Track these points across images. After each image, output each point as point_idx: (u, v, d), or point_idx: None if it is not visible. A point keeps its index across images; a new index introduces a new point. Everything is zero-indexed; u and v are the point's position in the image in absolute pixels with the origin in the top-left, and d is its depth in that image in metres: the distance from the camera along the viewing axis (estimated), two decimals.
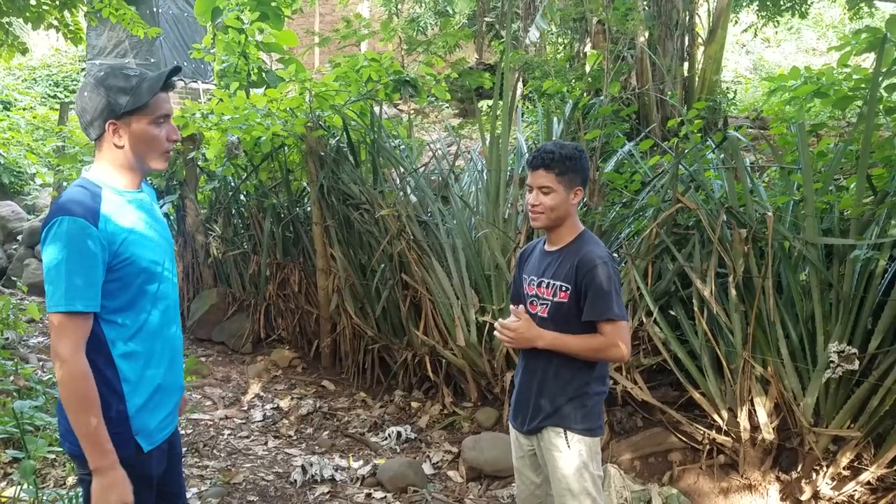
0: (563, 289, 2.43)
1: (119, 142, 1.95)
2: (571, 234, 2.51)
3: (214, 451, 4.36)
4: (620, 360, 3.02)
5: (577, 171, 2.45)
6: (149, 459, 2.01)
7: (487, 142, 4.73)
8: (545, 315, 2.49)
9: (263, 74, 7.23)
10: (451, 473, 4.11)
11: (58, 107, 11.48)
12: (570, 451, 2.44)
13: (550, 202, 2.44)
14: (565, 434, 2.44)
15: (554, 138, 4.92)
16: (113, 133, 1.94)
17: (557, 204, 2.44)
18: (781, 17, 11.59)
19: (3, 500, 3.23)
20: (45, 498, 2.85)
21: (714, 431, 3.77)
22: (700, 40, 9.10)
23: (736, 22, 11.93)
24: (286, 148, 5.87)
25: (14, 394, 3.39)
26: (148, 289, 1.99)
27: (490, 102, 6.14)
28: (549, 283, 2.48)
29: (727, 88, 9.21)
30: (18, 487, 2.87)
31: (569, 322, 2.42)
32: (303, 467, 4.04)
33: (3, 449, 3.52)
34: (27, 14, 6.34)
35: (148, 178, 2.16)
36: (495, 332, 2.55)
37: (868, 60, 6.81)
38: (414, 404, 4.91)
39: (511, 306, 2.62)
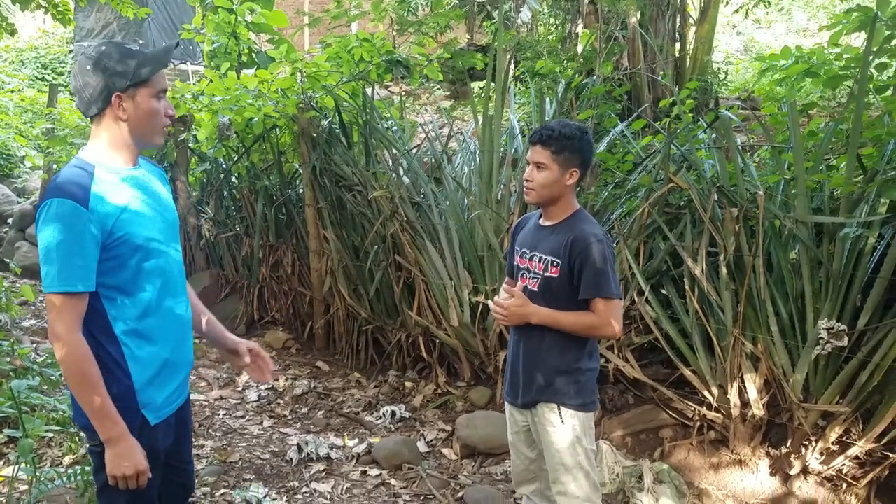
0: (554, 264, 2.45)
1: (123, 115, 1.97)
2: (566, 212, 2.53)
3: (210, 431, 4.39)
4: (612, 338, 3.06)
5: (575, 151, 2.45)
6: (155, 432, 2.04)
7: (480, 123, 4.73)
8: (535, 289, 2.51)
9: (254, 55, 7.19)
10: (445, 451, 4.16)
11: (46, 89, 11.40)
12: (563, 427, 2.47)
13: (542, 179, 2.46)
14: (559, 409, 2.47)
15: (547, 118, 4.92)
16: (118, 106, 1.96)
17: (550, 182, 2.45)
18: None
19: (1, 479, 3.25)
20: (42, 476, 2.87)
21: (704, 408, 3.82)
22: (692, 21, 9.08)
23: (727, 3, 11.90)
24: (278, 129, 5.85)
25: (10, 374, 3.41)
26: (145, 266, 2.01)
27: (482, 83, 6.14)
28: (540, 257, 2.50)
29: (718, 69, 9.20)
30: (16, 466, 2.89)
31: (558, 297, 2.45)
32: (298, 446, 4.07)
33: (0, 429, 3.54)
34: None
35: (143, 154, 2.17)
36: (491, 309, 2.57)
37: (859, 40, 6.83)
38: (408, 384, 4.94)
39: (504, 285, 2.65)
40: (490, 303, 2.58)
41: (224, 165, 6.48)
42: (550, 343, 2.49)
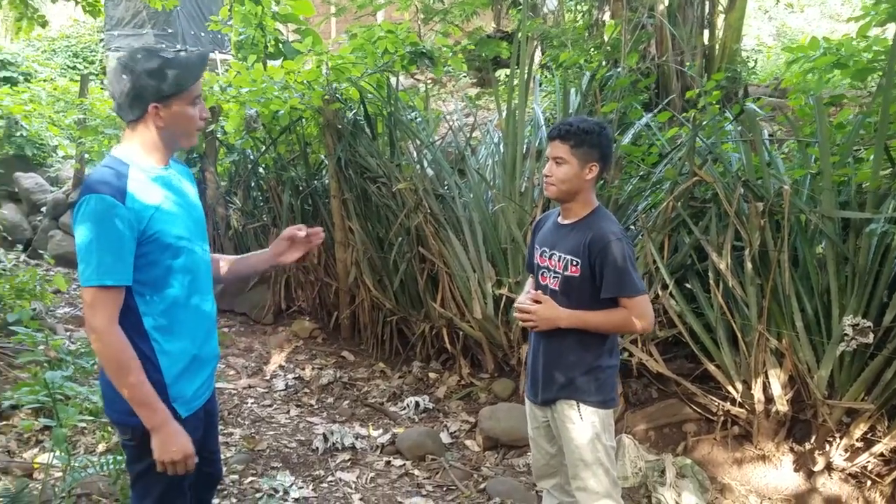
0: (574, 263, 2.46)
1: (160, 123, 2.02)
2: (585, 210, 2.54)
3: (238, 419, 4.48)
4: (643, 332, 3.05)
5: (594, 146, 2.46)
6: (186, 426, 2.09)
7: (504, 114, 4.74)
8: (556, 287, 2.53)
9: (280, 45, 7.24)
10: (468, 442, 4.20)
11: (77, 78, 11.56)
12: (583, 423, 2.49)
13: (562, 174, 2.47)
14: (578, 406, 2.49)
15: (571, 111, 4.91)
16: (155, 115, 2.01)
17: (569, 176, 2.47)
18: None
19: (37, 465, 3.35)
20: (76, 464, 2.96)
21: (728, 403, 3.82)
22: (720, 8, 8.95)
23: None
24: (304, 121, 5.90)
25: (45, 364, 3.51)
26: (175, 263, 2.06)
27: (508, 71, 6.11)
28: (559, 256, 2.52)
29: (747, 57, 9.07)
30: (51, 454, 2.98)
31: (581, 296, 2.46)
32: (324, 435, 4.14)
33: (36, 417, 3.65)
34: None
35: (174, 154, 2.24)
36: (514, 314, 2.59)
37: (890, 31, 6.70)
38: (432, 375, 4.99)
39: (527, 288, 2.67)
40: (514, 307, 2.59)
41: (251, 157, 6.55)
42: (571, 340, 2.50)
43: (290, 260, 2.48)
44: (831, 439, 3.49)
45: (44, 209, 9.17)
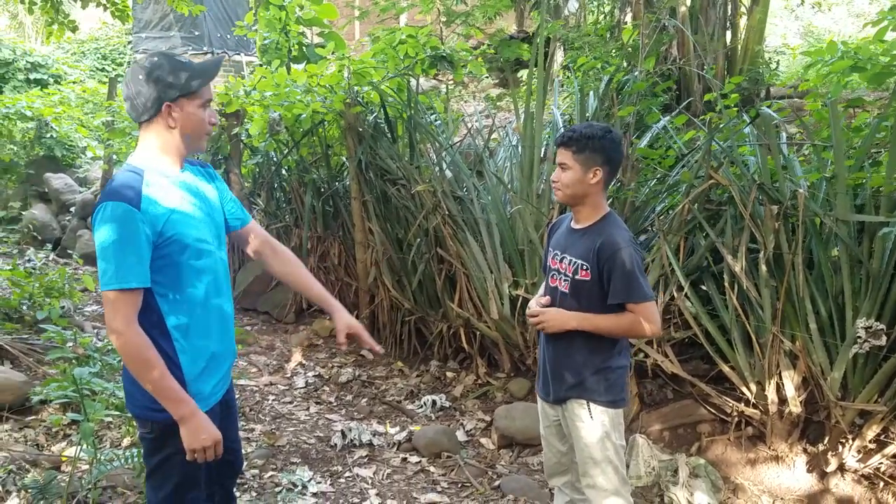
0: (584, 267, 2.52)
1: (172, 123, 2.11)
2: (595, 215, 2.58)
3: (260, 416, 4.57)
4: (651, 337, 3.08)
5: (598, 150, 2.51)
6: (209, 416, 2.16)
7: (522, 117, 4.79)
8: (566, 290, 2.58)
9: (304, 49, 7.35)
10: (483, 441, 4.26)
11: (106, 80, 11.79)
12: (592, 422, 2.55)
13: (566, 179, 2.53)
14: (588, 405, 2.55)
15: (588, 114, 4.95)
16: (167, 115, 2.09)
17: (573, 181, 2.52)
18: None
19: (64, 458, 3.47)
20: (102, 457, 3.06)
21: (742, 404, 3.84)
22: (743, 10, 8.92)
23: None
24: (325, 124, 6.00)
25: (73, 361, 3.63)
26: (195, 264, 2.14)
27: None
28: (571, 260, 2.57)
29: (770, 59, 9.02)
30: (78, 447, 3.09)
31: (591, 300, 2.51)
32: (342, 432, 4.22)
33: (64, 412, 3.77)
34: None
35: (196, 155, 2.33)
36: (528, 319, 2.66)
37: None
38: (449, 374, 5.06)
39: (542, 290, 2.74)
40: (527, 312, 2.66)
41: (274, 159, 6.66)
42: (581, 340, 2.56)
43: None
44: (844, 441, 3.51)
45: (73, 209, 9.35)
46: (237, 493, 3.41)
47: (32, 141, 10.03)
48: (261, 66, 6.79)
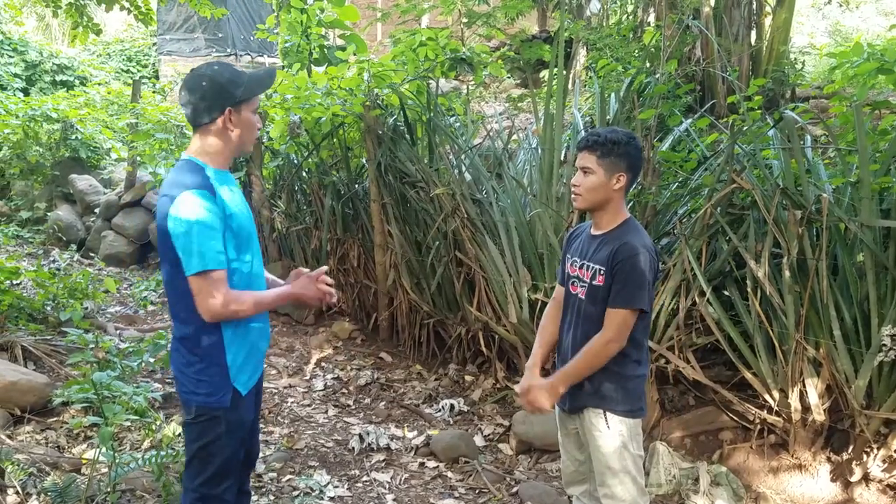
0: (601, 272, 2.48)
1: (231, 126, 2.29)
2: (615, 220, 2.55)
3: (279, 418, 4.58)
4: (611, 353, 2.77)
5: (622, 156, 2.48)
6: (246, 402, 2.39)
7: (542, 120, 4.76)
8: (583, 297, 2.56)
9: (325, 51, 7.36)
10: (501, 446, 4.24)
11: (130, 81, 11.91)
12: (610, 432, 2.51)
13: (589, 184, 2.50)
14: (605, 415, 2.51)
15: (609, 117, 4.91)
16: (227, 119, 2.28)
17: (595, 186, 2.49)
18: None
19: (84, 461, 3.50)
20: (121, 461, 3.08)
21: (765, 411, 3.78)
22: (768, 9, 8.80)
23: None
24: (345, 126, 6.01)
25: (95, 364, 3.66)
26: (243, 256, 2.35)
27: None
28: (589, 265, 2.55)
29: (795, 59, 8.89)
30: (98, 451, 3.11)
31: (605, 306, 2.48)
32: (360, 435, 4.22)
33: (85, 415, 3.80)
34: None
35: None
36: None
37: None
38: (467, 378, 5.04)
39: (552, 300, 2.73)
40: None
41: (295, 161, 6.68)
42: None
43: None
44: (869, 450, 3.44)
45: (97, 210, 9.45)
46: (255, 497, 3.43)
47: (58, 142, 10.17)
48: (282, 68, 6.82)
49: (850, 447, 3.53)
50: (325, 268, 2.53)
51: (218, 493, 2.38)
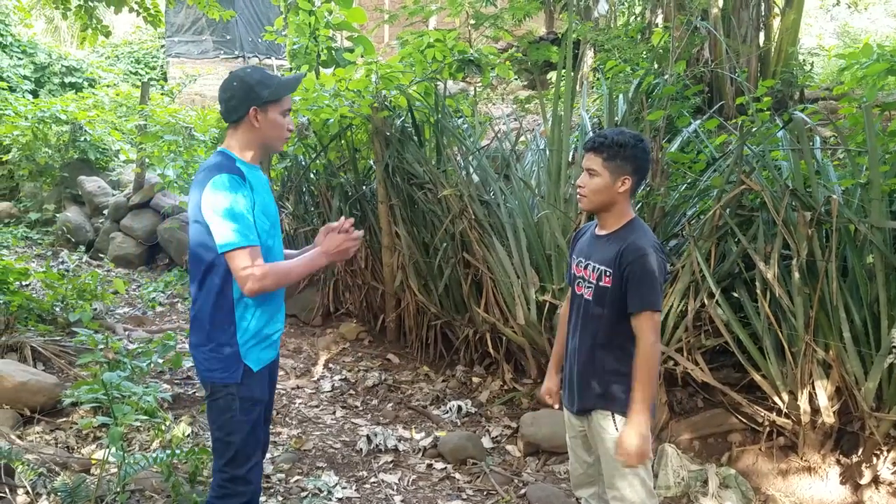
0: (607, 273, 2.48)
1: (256, 124, 2.45)
2: (620, 221, 2.54)
3: (287, 419, 4.59)
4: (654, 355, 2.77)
5: (627, 159, 2.47)
6: (257, 378, 2.50)
7: (549, 121, 4.75)
8: (589, 298, 2.55)
9: (333, 53, 7.38)
10: (509, 448, 4.23)
11: (139, 83, 11.96)
12: (618, 434, 2.50)
13: (594, 185, 2.49)
14: (613, 417, 2.51)
15: (617, 118, 4.90)
16: (254, 116, 2.43)
17: (600, 188, 2.48)
18: None
19: (94, 461, 3.51)
20: (130, 461, 3.09)
21: (774, 414, 3.77)
22: (776, 10, 8.78)
23: None
24: (353, 128, 6.02)
25: (105, 365, 3.68)
26: (267, 241, 2.47)
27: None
28: (594, 266, 2.54)
29: (804, 60, 8.87)
30: (107, 451, 3.12)
31: (614, 307, 2.47)
32: (368, 437, 4.22)
33: (94, 415, 3.81)
34: None
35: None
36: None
37: None
38: (475, 379, 5.04)
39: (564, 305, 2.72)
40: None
41: (303, 162, 6.69)
42: (606, 351, 2.52)
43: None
44: (879, 452, 3.43)
45: (106, 212, 9.48)
46: (263, 498, 3.43)
47: (67, 144, 10.21)
48: (290, 70, 6.83)
49: (860, 450, 3.52)
50: (350, 219, 2.63)
51: (242, 473, 2.49)
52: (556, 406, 2.61)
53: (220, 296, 2.42)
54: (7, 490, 3.11)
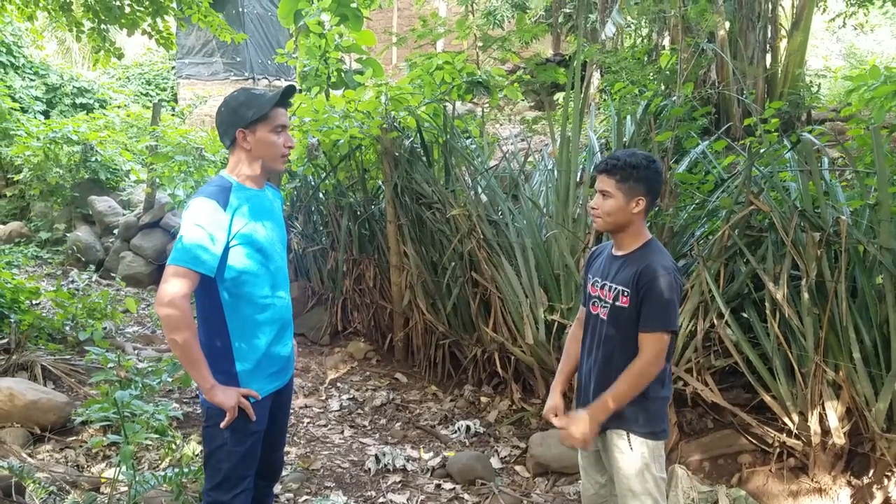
0: (625, 293, 2.49)
1: (246, 146, 2.42)
2: (636, 242, 2.56)
3: (295, 439, 4.59)
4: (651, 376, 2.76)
5: (641, 180, 2.49)
6: (257, 410, 2.45)
7: (558, 141, 4.79)
8: (605, 317, 2.56)
9: (342, 75, 7.45)
10: (518, 468, 4.22)
11: (150, 104, 12.07)
12: (632, 454, 2.50)
13: (608, 207, 2.51)
14: (628, 436, 2.50)
15: (625, 139, 4.93)
16: (242, 139, 2.41)
17: (614, 210, 2.50)
18: (872, 3, 11.08)
19: (104, 480, 3.51)
20: (140, 479, 3.09)
21: (784, 434, 3.75)
22: (783, 32, 8.83)
23: (824, 10, 11.47)
24: (362, 148, 6.07)
25: (116, 383, 3.69)
26: (264, 267, 2.45)
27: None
28: (610, 286, 2.55)
29: (811, 82, 8.90)
30: (117, 469, 3.13)
31: (628, 328, 2.48)
32: (376, 456, 4.21)
33: (104, 434, 3.82)
34: (122, 21, 6.75)
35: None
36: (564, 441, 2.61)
37: None
38: (483, 399, 5.03)
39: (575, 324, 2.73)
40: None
41: (312, 183, 6.74)
42: (620, 370, 2.52)
43: None
44: (889, 474, 3.40)
45: (116, 231, 9.53)
46: None
47: (78, 164, 10.29)
48: (300, 92, 6.90)
49: (871, 471, 3.49)
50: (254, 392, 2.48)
51: (227, 499, 2.46)
52: (561, 424, 2.60)
53: (218, 323, 2.41)
54: None
